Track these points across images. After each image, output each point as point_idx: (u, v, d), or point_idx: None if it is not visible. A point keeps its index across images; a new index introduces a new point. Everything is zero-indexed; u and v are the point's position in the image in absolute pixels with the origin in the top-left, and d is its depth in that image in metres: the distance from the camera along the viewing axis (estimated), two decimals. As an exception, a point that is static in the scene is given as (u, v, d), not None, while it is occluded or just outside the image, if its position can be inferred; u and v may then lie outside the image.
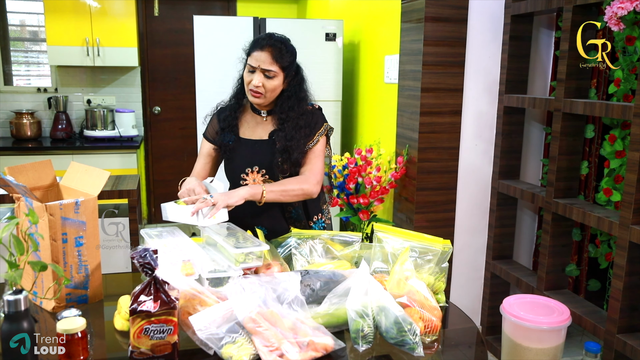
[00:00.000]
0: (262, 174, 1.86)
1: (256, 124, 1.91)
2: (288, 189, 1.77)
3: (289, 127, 1.82)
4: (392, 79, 3.04)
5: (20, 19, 4.83)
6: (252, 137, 1.89)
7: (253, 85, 1.78)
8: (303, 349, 1.19)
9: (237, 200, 1.66)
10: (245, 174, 1.86)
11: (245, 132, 1.90)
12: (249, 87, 1.80)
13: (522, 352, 1.41)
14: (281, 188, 1.76)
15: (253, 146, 1.87)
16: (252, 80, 1.78)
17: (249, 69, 1.79)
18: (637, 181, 1.89)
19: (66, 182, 1.61)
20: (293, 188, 1.78)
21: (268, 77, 1.77)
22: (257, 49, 1.77)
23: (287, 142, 1.81)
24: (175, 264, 1.39)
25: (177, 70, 4.89)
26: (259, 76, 1.77)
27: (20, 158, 4.14)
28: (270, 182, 1.85)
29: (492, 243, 2.79)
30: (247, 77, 1.80)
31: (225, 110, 1.92)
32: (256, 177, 1.86)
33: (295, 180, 1.81)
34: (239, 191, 1.68)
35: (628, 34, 2.06)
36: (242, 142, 1.88)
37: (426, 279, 1.48)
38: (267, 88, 1.78)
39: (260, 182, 1.85)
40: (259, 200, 1.72)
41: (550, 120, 2.72)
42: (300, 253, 1.60)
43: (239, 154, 1.88)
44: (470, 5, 2.63)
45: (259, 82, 1.77)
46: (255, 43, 1.79)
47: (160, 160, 5.01)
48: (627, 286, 1.96)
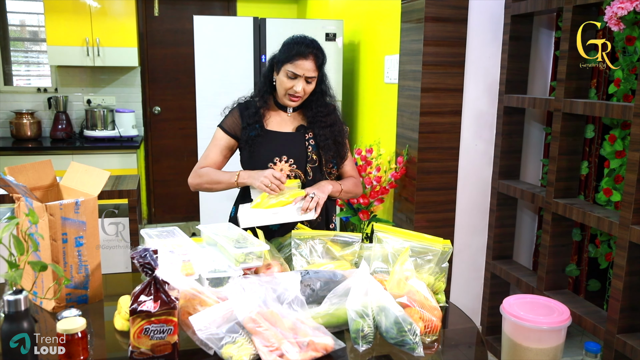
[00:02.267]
0: (289, 164, 1.88)
1: (281, 120, 1.94)
2: (351, 191, 1.97)
3: (321, 124, 1.90)
4: (392, 79, 3.04)
5: (20, 19, 4.82)
6: (279, 130, 1.92)
7: (294, 91, 1.82)
8: (303, 349, 1.19)
9: (325, 196, 1.81)
10: (273, 164, 1.88)
11: (273, 126, 1.92)
12: (289, 92, 1.83)
13: (522, 352, 1.41)
14: (348, 189, 1.95)
15: (281, 137, 1.90)
16: (293, 86, 1.81)
17: (290, 75, 1.80)
18: (637, 181, 1.89)
19: (66, 182, 1.61)
20: (354, 191, 1.98)
21: (308, 82, 1.83)
22: (300, 58, 1.79)
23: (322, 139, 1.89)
24: (175, 264, 1.39)
25: (177, 70, 4.89)
26: (301, 83, 1.81)
27: (20, 158, 4.14)
28: (298, 172, 1.89)
29: (492, 243, 2.79)
30: (288, 83, 1.82)
31: (250, 107, 1.92)
32: (283, 167, 1.88)
33: (355, 184, 1.99)
34: (327, 186, 1.84)
35: (628, 34, 2.06)
36: (269, 133, 1.90)
37: (426, 279, 1.48)
38: (306, 92, 1.85)
39: (288, 171, 1.88)
40: (336, 197, 1.91)
41: (550, 120, 2.72)
42: (301, 253, 1.60)
43: (265, 145, 1.89)
44: (470, 5, 2.63)
45: (301, 89, 1.82)
46: (299, 52, 1.79)
47: (160, 160, 5.01)
48: (627, 286, 1.96)
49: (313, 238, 1.63)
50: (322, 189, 1.81)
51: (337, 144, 1.93)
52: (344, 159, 1.97)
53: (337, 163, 1.96)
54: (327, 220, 2.00)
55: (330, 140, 1.90)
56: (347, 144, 1.99)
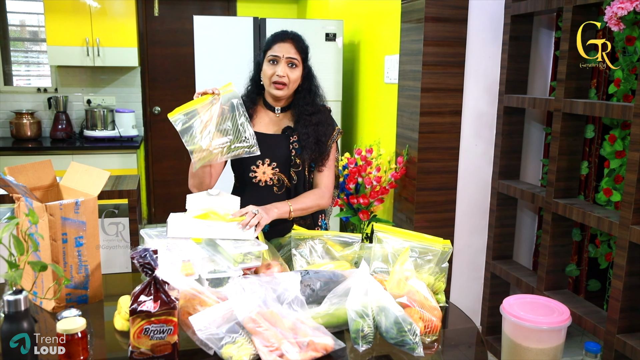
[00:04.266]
0: (272, 167, 1.85)
1: (269, 121, 1.91)
2: (308, 207, 1.84)
3: (305, 122, 1.85)
4: (392, 79, 3.04)
5: (20, 19, 4.83)
6: (266, 132, 1.89)
7: (277, 75, 1.79)
8: (303, 349, 1.19)
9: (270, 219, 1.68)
10: (255, 166, 1.85)
11: (259, 128, 1.89)
12: (272, 80, 1.80)
13: (522, 352, 1.41)
14: (302, 207, 1.82)
15: (266, 140, 1.86)
16: (275, 71, 1.79)
17: (271, 59, 1.80)
18: (637, 181, 1.89)
19: (66, 182, 1.61)
20: (311, 206, 1.85)
21: (291, 66, 1.81)
22: (278, 41, 1.80)
23: (304, 137, 1.83)
24: (175, 264, 1.39)
25: (177, 70, 4.89)
26: (283, 66, 1.79)
27: (20, 158, 4.14)
28: (281, 175, 1.86)
29: (492, 243, 2.79)
30: (270, 69, 1.80)
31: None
32: (266, 170, 1.85)
33: (313, 197, 1.87)
34: (272, 210, 1.70)
35: (628, 34, 2.06)
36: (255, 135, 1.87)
37: (426, 279, 1.48)
38: (291, 78, 1.81)
39: (271, 175, 1.85)
40: (288, 218, 1.78)
41: (550, 120, 2.72)
42: (300, 253, 1.60)
43: None
44: (470, 5, 2.63)
45: (283, 72, 1.79)
46: (276, 37, 1.82)
47: (160, 161, 5.01)
48: (627, 286, 1.96)
49: (313, 238, 1.63)
50: (267, 211, 1.66)
51: (320, 143, 1.85)
52: (323, 163, 1.89)
53: (316, 165, 1.90)
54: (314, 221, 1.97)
55: (312, 139, 1.83)
56: (332, 150, 1.92)
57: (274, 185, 1.86)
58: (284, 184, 1.87)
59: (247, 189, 1.88)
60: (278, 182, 1.86)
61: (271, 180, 1.85)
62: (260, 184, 1.86)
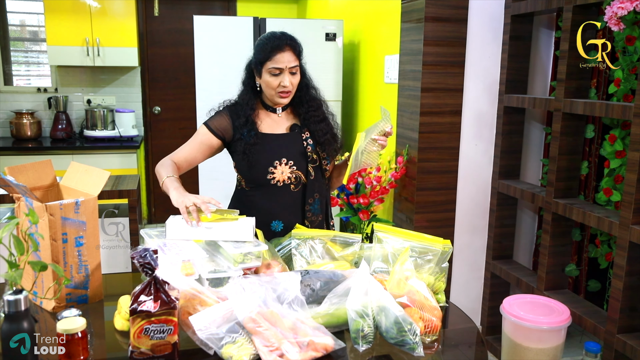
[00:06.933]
0: (289, 166, 1.84)
1: (273, 121, 1.90)
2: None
3: (314, 118, 1.88)
4: (392, 79, 3.04)
5: (20, 19, 4.83)
6: (275, 132, 1.88)
7: (282, 86, 1.79)
8: (303, 349, 1.19)
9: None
10: (273, 167, 1.83)
11: (265, 130, 1.88)
12: (278, 90, 1.80)
13: (522, 352, 1.41)
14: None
15: (277, 140, 1.86)
16: (280, 82, 1.78)
17: (273, 72, 1.77)
18: (637, 181, 1.89)
19: (66, 182, 1.61)
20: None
21: (293, 74, 1.81)
22: (278, 51, 1.76)
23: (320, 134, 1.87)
24: (175, 264, 1.39)
25: (177, 70, 4.89)
26: (287, 76, 1.78)
27: (20, 158, 4.14)
28: (298, 173, 1.86)
29: (492, 243, 2.79)
30: (274, 81, 1.78)
31: (240, 117, 1.86)
32: (284, 170, 1.83)
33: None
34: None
35: (628, 34, 2.06)
36: (264, 137, 1.85)
37: (426, 279, 1.48)
38: (294, 85, 1.83)
39: (288, 174, 1.84)
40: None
41: (550, 120, 2.72)
42: (301, 253, 1.60)
43: (263, 150, 1.84)
44: (470, 5, 2.63)
45: (289, 82, 1.79)
46: (274, 46, 1.76)
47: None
48: (627, 286, 1.96)
49: (313, 238, 1.63)
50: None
51: (335, 136, 1.92)
52: (338, 152, 1.95)
53: (333, 157, 1.95)
54: (326, 218, 1.98)
55: (329, 135, 1.89)
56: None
57: (291, 183, 1.86)
58: (301, 181, 1.87)
59: (262, 190, 1.86)
60: (295, 179, 1.86)
61: (289, 178, 1.84)
62: (278, 185, 1.84)
